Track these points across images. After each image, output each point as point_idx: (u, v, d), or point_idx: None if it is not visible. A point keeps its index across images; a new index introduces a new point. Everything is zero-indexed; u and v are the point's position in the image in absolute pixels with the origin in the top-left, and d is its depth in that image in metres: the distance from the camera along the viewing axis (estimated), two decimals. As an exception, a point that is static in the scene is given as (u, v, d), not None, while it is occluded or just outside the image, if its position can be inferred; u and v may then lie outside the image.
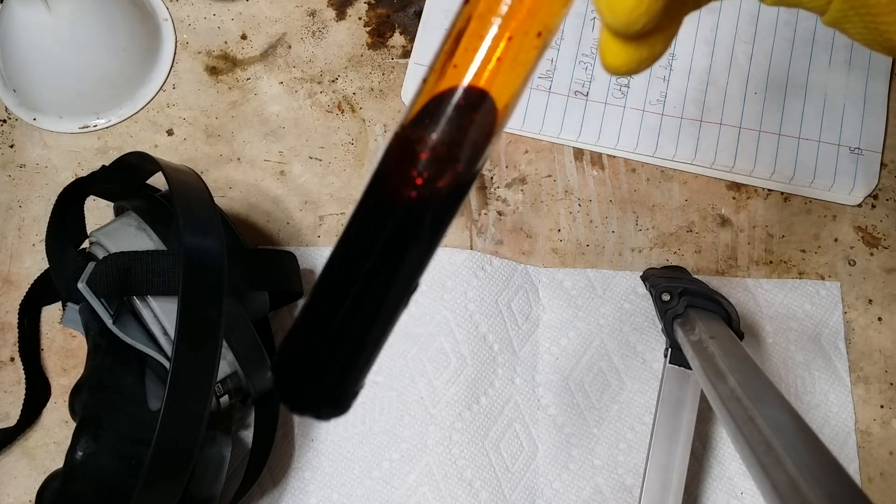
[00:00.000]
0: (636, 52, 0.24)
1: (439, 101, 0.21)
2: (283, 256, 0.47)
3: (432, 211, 0.22)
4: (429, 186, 0.21)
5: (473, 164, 0.22)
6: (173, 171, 0.40)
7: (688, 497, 0.47)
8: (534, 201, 0.54)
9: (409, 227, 0.21)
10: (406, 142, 0.22)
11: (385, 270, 0.22)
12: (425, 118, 0.21)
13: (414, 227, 0.22)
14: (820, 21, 0.26)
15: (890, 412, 0.50)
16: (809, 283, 0.52)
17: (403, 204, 0.21)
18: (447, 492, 0.47)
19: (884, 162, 0.55)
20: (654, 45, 0.24)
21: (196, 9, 0.58)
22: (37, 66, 0.51)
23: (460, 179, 0.22)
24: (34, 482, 0.45)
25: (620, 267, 0.53)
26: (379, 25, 0.58)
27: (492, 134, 0.22)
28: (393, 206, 0.21)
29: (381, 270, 0.22)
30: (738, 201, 0.54)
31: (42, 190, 0.53)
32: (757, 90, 0.56)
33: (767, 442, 0.29)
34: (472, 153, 0.22)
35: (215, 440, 0.41)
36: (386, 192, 0.22)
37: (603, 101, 0.55)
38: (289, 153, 0.54)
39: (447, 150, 0.21)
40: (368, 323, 0.22)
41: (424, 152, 0.21)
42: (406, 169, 0.21)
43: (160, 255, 0.40)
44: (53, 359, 0.49)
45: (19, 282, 0.50)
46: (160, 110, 0.55)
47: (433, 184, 0.21)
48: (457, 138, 0.21)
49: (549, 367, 0.50)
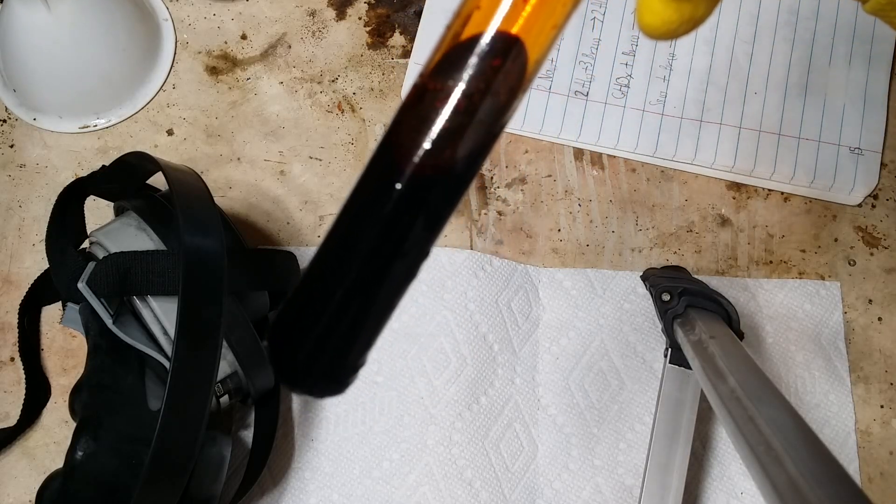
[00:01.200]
0: (678, 11, 0.22)
1: (464, 47, 0.19)
2: (283, 256, 0.47)
3: (449, 171, 0.20)
4: (446, 142, 0.19)
5: (497, 121, 0.20)
6: (173, 171, 0.40)
7: (688, 497, 0.47)
8: (534, 201, 0.54)
9: (422, 187, 0.20)
10: (424, 92, 0.19)
11: (395, 235, 0.20)
12: (447, 66, 0.19)
13: (427, 187, 0.20)
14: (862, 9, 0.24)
15: (890, 412, 0.50)
16: (809, 283, 0.52)
17: (418, 161, 0.19)
18: (447, 492, 0.47)
19: (884, 162, 0.55)
20: (696, 5, 0.22)
21: (196, 9, 0.58)
22: (37, 66, 0.51)
23: (481, 137, 0.20)
24: (34, 482, 0.45)
25: (620, 267, 0.53)
26: (379, 25, 0.58)
27: (518, 89, 0.20)
28: (405, 163, 0.19)
29: (391, 234, 0.20)
30: (738, 201, 0.54)
31: (42, 190, 0.53)
32: (757, 90, 0.56)
33: (767, 442, 0.29)
34: (496, 107, 0.19)
35: (215, 440, 0.41)
36: (399, 147, 0.19)
37: (603, 101, 0.55)
38: (289, 153, 0.54)
39: (469, 101, 0.19)
40: (372, 293, 0.20)
41: (444, 103, 0.19)
42: (423, 122, 0.19)
43: (160, 255, 0.40)
44: (53, 359, 0.49)
45: (19, 282, 0.50)
46: (160, 110, 0.55)
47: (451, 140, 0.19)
48: (481, 88, 0.19)
49: (549, 367, 0.50)
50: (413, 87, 0.20)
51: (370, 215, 0.20)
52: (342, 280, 0.20)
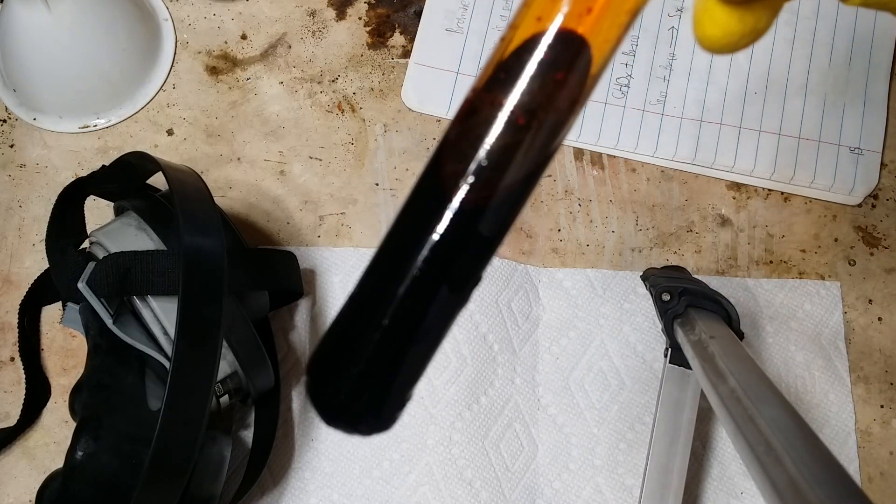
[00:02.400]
0: (741, 22, 0.21)
1: (521, 53, 0.17)
2: (283, 256, 0.47)
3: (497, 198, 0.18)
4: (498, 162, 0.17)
5: (553, 139, 0.18)
6: (173, 171, 0.40)
7: (688, 497, 0.47)
8: (534, 201, 0.54)
9: (469, 215, 0.18)
10: (474, 107, 0.18)
11: (445, 261, 0.18)
12: (500, 75, 0.17)
13: (477, 214, 0.18)
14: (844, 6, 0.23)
15: (890, 412, 0.50)
16: (809, 283, 0.52)
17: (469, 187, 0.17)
18: (447, 492, 0.47)
19: (884, 162, 0.55)
20: (759, 16, 0.21)
21: (196, 9, 0.58)
22: (37, 66, 0.51)
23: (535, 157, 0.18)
24: (34, 482, 0.45)
25: (620, 267, 0.53)
26: (379, 25, 0.58)
27: (578, 101, 0.18)
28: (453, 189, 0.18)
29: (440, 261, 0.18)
30: (738, 201, 0.54)
31: (42, 190, 0.53)
32: (757, 90, 0.56)
33: (767, 442, 0.29)
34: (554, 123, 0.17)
35: (215, 440, 0.41)
36: (445, 172, 0.18)
37: (603, 101, 0.55)
38: (289, 153, 0.54)
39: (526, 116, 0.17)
40: (421, 321, 0.18)
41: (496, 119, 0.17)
42: (471, 142, 0.17)
43: (160, 254, 0.40)
44: (53, 359, 0.49)
45: (19, 282, 0.50)
46: (160, 110, 0.55)
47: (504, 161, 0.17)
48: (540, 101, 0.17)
49: (549, 367, 0.50)
50: (464, 101, 0.18)
51: (419, 241, 0.18)
52: (388, 307, 0.18)
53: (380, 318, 0.18)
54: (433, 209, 0.18)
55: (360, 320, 0.19)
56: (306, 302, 0.51)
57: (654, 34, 0.57)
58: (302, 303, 0.51)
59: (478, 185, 0.18)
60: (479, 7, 0.56)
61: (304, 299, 0.51)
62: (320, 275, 0.51)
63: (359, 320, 0.19)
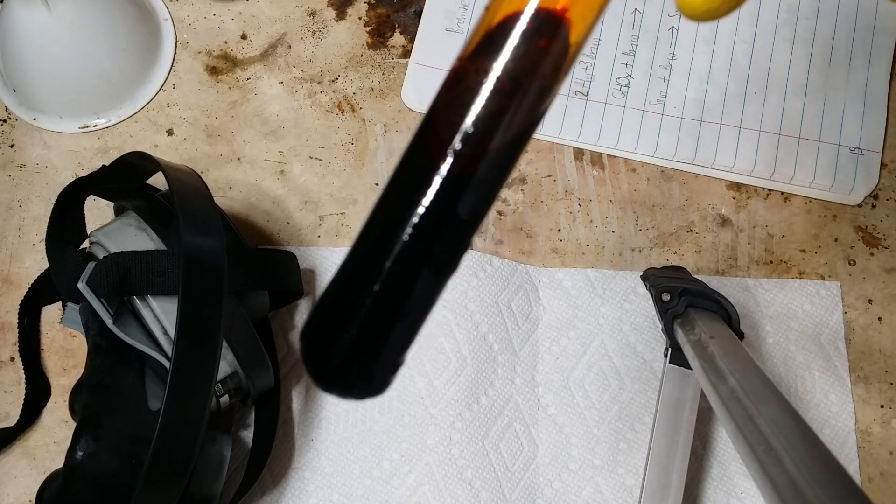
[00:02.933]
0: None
1: (504, 26, 0.18)
2: (283, 256, 0.47)
3: (487, 160, 0.19)
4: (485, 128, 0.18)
5: (538, 106, 0.19)
6: (173, 171, 0.40)
7: (688, 497, 0.47)
8: (534, 201, 0.54)
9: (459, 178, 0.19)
10: (461, 75, 0.19)
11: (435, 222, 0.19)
12: (486, 47, 0.18)
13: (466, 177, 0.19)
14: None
15: (890, 412, 0.50)
16: (809, 283, 0.52)
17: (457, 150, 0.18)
18: (447, 492, 0.47)
19: (884, 162, 0.55)
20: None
21: (196, 9, 0.58)
22: (37, 66, 0.51)
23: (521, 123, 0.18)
24: (34, 482, 0.45)
25: (620, 267, 0.53)
26: (379, 25, 0.58)
27: (560, 70, 0.19)
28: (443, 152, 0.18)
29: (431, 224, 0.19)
30: (738, 201, 0.54)
31: (42, 190, 0.53)
32: (757, 90, 0.56)
33: (767, 442, 0.29)
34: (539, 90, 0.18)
35: (215, 440, 0.41)
36: (434, 135, 0.19)
37: (603, 101, 0.55)
38: (289, 153, 0.54)
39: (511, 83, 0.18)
40: (413, 285, 0.19)
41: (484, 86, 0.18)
42: (460, 107, 0.18)
43: (160, 254, 0.40)
44: (53, 359, 0.49)
45: (19, 282, 0.50)
46: (160, 110, 0.55)
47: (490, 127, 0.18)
48: (524, 69, 0.18)
49: (549, 367, 0.50)
50: (450, 70, 0.19)
51: (410, 205, 0.19)
52: (380, 271, 0.19)
53: (371, 284, 0.19)
54: (422, 177, 0.19)
55: (352, 287, 0.19)
56: (306, 302, 0.51)
57: (654, 34, 0.57)
58: (302, 303, 0.51)
59: (465, 151, 0.18)
60: (479, 7, 0.56)
61: (304, 299, 0.51)
62: (320, 275, 0.51)
63: (350, 287, 0.19)
